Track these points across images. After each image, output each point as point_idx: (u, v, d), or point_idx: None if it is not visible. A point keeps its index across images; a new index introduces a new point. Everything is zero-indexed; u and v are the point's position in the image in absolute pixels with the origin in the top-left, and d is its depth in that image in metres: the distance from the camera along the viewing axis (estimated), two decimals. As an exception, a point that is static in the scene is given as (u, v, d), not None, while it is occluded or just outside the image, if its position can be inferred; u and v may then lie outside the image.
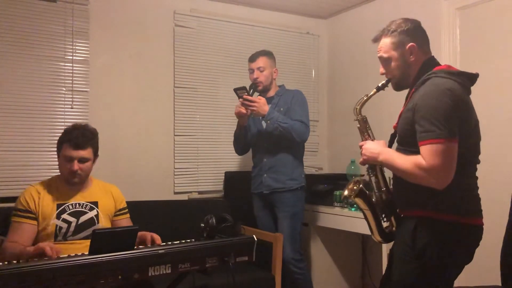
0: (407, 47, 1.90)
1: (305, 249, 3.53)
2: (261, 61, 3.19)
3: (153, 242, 2.21)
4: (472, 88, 1.93)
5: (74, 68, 3.27)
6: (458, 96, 1.76)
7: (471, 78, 1.89)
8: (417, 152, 1.78)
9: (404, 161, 1.80)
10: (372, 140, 2.05)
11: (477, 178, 1.90)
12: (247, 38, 3.96)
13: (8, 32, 3.06)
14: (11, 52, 3.07)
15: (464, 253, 1.87)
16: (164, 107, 3.62)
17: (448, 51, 3.23)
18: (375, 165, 2.03)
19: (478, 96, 2.15)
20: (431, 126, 1.72)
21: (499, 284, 2.50)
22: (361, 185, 2.01)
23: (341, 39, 4.26)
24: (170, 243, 2.02)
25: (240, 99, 3.03)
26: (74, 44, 3.27)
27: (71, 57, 3.26)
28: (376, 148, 1.93)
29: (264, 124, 3.14)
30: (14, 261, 1.66)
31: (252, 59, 3.23)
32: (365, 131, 2.07)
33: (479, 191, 1.93)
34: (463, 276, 3.02)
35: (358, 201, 2.03)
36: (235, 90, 3.04)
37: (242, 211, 3.41)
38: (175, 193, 3.64)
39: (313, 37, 4.31)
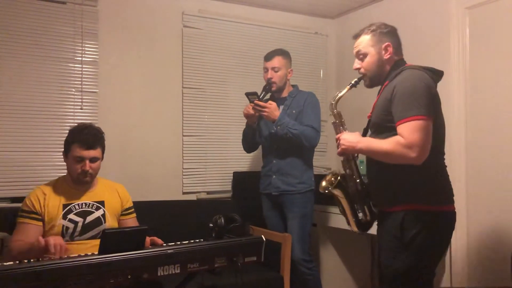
0: (384, 45, 2.09)
1: (313, 249, 3.51)
2: (277, 61, 3.13)
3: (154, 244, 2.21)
4: (481, 87, 1.99)
5: (83, 69, 3.29)
6: (431, 85, 1.94)
7: (438, 74, 2.05)
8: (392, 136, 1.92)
9: (383, 142, 1.94)
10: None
11: (446, 166, 2.05)
12: (255, 38, 3.96)
13: (17, 33, 3.09)
14: (20, 53, 3.09)
15: (447, 237, 2.02)
16: (173, 108, 3.63)
17: (457, 51, 3.21)
18: (349, 158, 2.16)
19: (488, 95, 2.16)
20: (409, 105, 1.87)
21: (510, 285, 2.49)
22: (339, 177, 2.16)
23: (349, 39, 4.21)
24: (179, 243, 2.02)
25: (251, 104, 3.03)
26: (83, 45, 3.29)
27: (81, 58, 3.29)
28: (354, 137, 2.06)
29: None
30: (25, 261, 1.67)
31: (268, 58, 3.18)
32: (340, 125, 2.19)
33: (491, 192, 1.99)
34: (474, 277, 3.01)
35: (337, 192, 2.17)
36: (247, 94, 3.04)
37: (250, 211, 3.41)
38: (184, 193, 3.65)
39: (321, 37, 4.30)
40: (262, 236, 2.14)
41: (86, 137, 2.33)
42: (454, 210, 2.01)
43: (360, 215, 2.15)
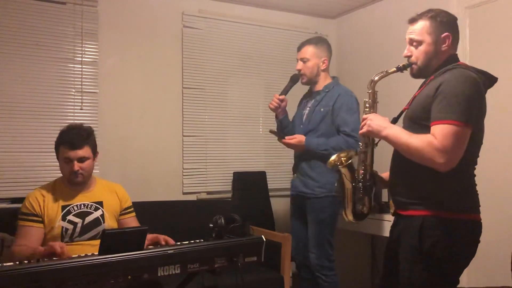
0: (443, 35, 1.90)
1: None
2: (306, 51, 2.95)
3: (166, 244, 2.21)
4: None
5: (83, 69, 3.29)
6: (481, 91, 1.80)
7: (491, 80, 1.91)
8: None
9: (413, 137, 1.79)
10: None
11: (475, 175, 1.91)
12: (255, 38, 3.96)
13: (17, 34, 3.09)
14: (20, 53, 3.10)
15: (470, 249, 1.87)
16: (173, 108, 3.63)
17: (457, 50, 3.20)
18: (369, 143, 2.01)
19: (488, 95, 2.14)
20: (451, 108, 1.72)
21: (510, 285, 2.49)
22: (351, 160, 2.04)
23: (350, 39, 4.25)
24: (179, 243, 2.03)
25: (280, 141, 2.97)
26: (83, 45, 3.29)
27: (80, 59, 3.29)
28: (383, 122, 1.91)
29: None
30: (25, 261, 1.67)
31: (298, 48, 3.01)
32: (372, 106, 2.02)
33: (490, 191, 1.93)
34: (474, 277, 3.01)
35: (345, 172, 2.04)
36: (271, 132, 3.00)
37: (251, 211, 3.41)
38: (184, 193, 3.65)
39: (321, 37, 4.30)
40: (262, 236, 2.14)
41: (71, 138, 2.32)
42: (480, 220, 1.85)
43: (359, 205, 2.05)
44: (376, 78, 2.01)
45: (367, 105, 2.03)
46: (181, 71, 3.66)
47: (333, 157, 2.10)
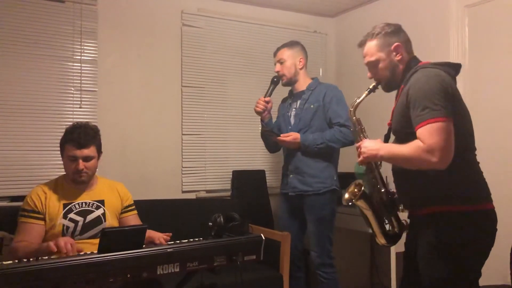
0: (393, 47, 1.97)
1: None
2: (282, 54, 3.06)
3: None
4: (480, 85, 1.94)
5: (82, 68, 3.29)
6: (446, 82, 1.82)
7: (455, 67, 1.94)
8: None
9: (404, 148, 1.83)
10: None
11: (479, 163, 1.92)
12: (254, 37, 3.96)
13: (16, 32, 3.09)
14: (19, 52, 3.09)
15: (487, 238, 1.87)
16: (172, 107, 3.63)
17: (456, 49, 3.21)
18: (372, 167, 2.03)
19: (487, 93, 2.17)
20: (425, 109, 1.76)
21: (509, 283, 2.49)
22: (363, 188, 2.01)
23: (349, 37, 4.24)
24: (178, 242, 2.03)
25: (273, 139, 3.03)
26: (82, 44, 3.29)
27: (80, 57, 3.28)
28: (375, 144, 1.95)
29: (292, 118, 3.08)
30: (25, 260, 1.67)
31: (274, 53, 3.13)
32: (360, 132, 2.09)
33: (490, 184, 1.93)
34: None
35: (361, 203, 2.03)
36: (264, 132, 3.09)
37: (250, 210, 3.41)
38: (183, 192, 3.65)
39: (320, 36, 4.30)
40: (261, 234, 2.14)
41: (78, 136, 2.32)
42: (493, 208, 1.88)
43: (387, 226, 2.02)
44: (352, 108, 2.10)
45: (355, 133, 2.09)
46: (180, 69, 3.66)
47: (346, 196, 2.08)
